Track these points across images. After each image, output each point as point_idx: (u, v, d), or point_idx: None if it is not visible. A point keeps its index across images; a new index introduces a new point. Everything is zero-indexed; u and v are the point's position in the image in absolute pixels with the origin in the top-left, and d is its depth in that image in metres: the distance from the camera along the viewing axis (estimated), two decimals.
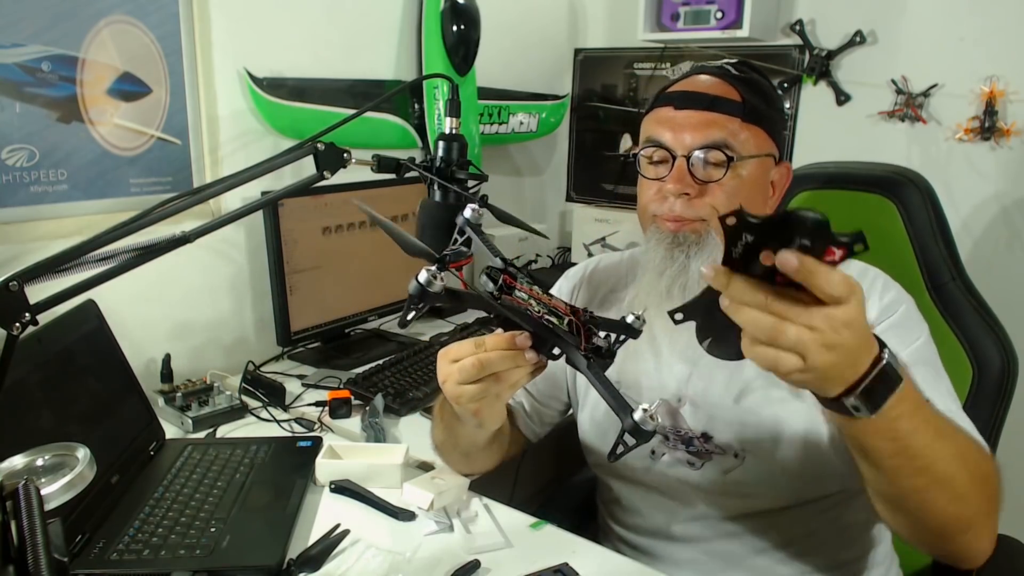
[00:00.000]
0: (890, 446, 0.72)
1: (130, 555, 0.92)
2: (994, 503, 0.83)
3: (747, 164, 0.97)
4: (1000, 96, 1.78)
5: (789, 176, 1.06)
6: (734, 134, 0.95)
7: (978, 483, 0.79)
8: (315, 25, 1.70)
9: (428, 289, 0.71)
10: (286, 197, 1.51)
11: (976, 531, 0.82)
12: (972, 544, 0.83)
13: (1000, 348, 1.14)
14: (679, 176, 0.96)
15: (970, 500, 0.78)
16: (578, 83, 2.47)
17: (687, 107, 0.97)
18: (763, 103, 0.99)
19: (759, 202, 1.01)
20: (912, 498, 0.77)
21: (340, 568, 0.93)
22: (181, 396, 1.37)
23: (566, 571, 0.92)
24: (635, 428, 0.68)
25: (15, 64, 1.24)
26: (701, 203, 0.96)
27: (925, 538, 0.83)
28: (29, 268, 0.69)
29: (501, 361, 0.79)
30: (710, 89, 0.97)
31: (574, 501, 1.35)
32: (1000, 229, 1.85)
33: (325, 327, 1.67)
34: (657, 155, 0.99)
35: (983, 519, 0.82)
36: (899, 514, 0.81)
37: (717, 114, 0.96)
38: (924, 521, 0.79)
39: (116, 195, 1.40)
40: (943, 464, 0.74)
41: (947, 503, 0.77)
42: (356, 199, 0.90)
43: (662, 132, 0.98)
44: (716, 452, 1.01)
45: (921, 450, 0.73)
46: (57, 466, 0.57)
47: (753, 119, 0.97)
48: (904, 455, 0.72)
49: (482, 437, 1.02)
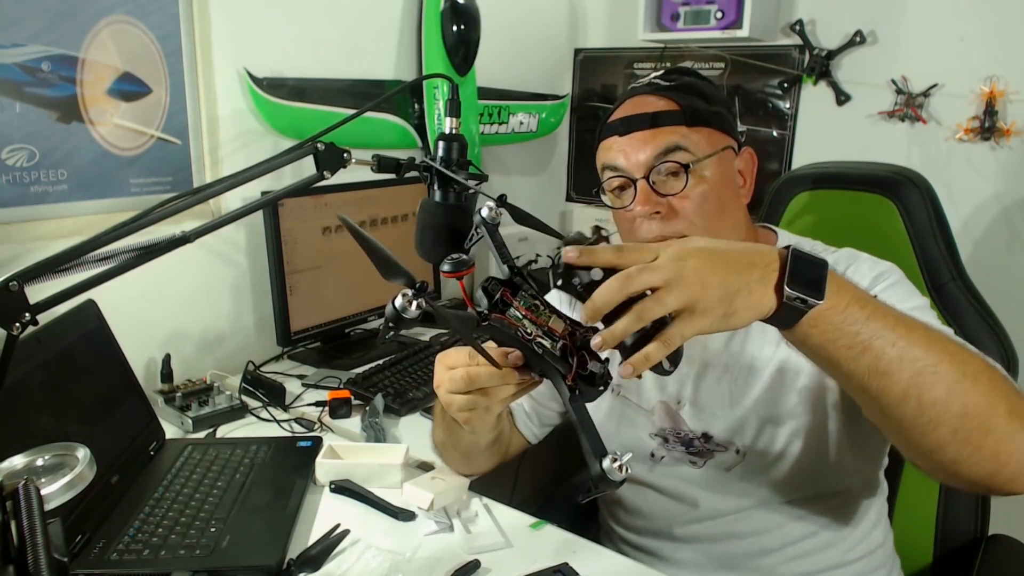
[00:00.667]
0: (858, 339, 0.70)
1: (130, 555, 0.92)
2: (1014, 401, 0.74)
3: (707, 165, 0.98)
4: (1000, 96, 1.78)
5: (754, 160, 1.06)
6: (684, 139, 0.97)
7: (981, 378, 0.73)
8: (315, 25, 1.70)
9: (403, 315, 0.69)
10: (286, 197, 1.51)
11: (1000, 434, 0.73)
12: (1004, 449, 0.73)
13: (1000, 348, 1.14)
14: (644, 198, 0.97)
15: (974, 392, 0.72)
16: (578, 83, 2.46)
17: (631, 130, 0.99)
18: (703, 103, 1.00)
19: (731, 198, 1.02)
20: (908, 403, 0.72)
21: (340, 568, 0.93)
22: (181, 396, 1.37)
23: (566, 571, 0.92)
24: (602, 477, 0.65)
25: (15, 64, 1.24)
26: (676, 218, 0.97)
27: (950, 450, 0.74)
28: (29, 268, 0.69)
29: (489, 378, 0.78)
30: (647, 107, 0.99)
31: (574, 501, 1.35)
32: (1000, 229, 1.85)
33: (325, 327, 1.67)
34: (617, 182, 1.01)
35: (1005, 418, 0.73)
36: (911, 431, 0.74)
37: (660, 128, 0.97)
38: (936, 424, 0.72)
39: (116, 195, 1.40)
40: (921, 350, 0.71)
41: (947, 396, 0.71)
42: (340, 213, 0.89)
43: (615, 158, 1.00)
44: (717, 450, 1.01)
45: (891, 333, 0.70)
46: (57, 466, 0.57)
47: (698, 121, 0.99)
48: (876, 346, 0.70)
49: (482, 440, 1.02)
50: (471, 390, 0.80)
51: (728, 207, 1.01)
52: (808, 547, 1.01)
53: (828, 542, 1.01)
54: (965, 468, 0.75)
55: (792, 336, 0.72)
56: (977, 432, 0.72)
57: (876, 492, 1.07)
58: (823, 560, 1.02)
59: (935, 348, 0.72)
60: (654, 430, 1.05)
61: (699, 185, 0.97)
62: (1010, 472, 0.74)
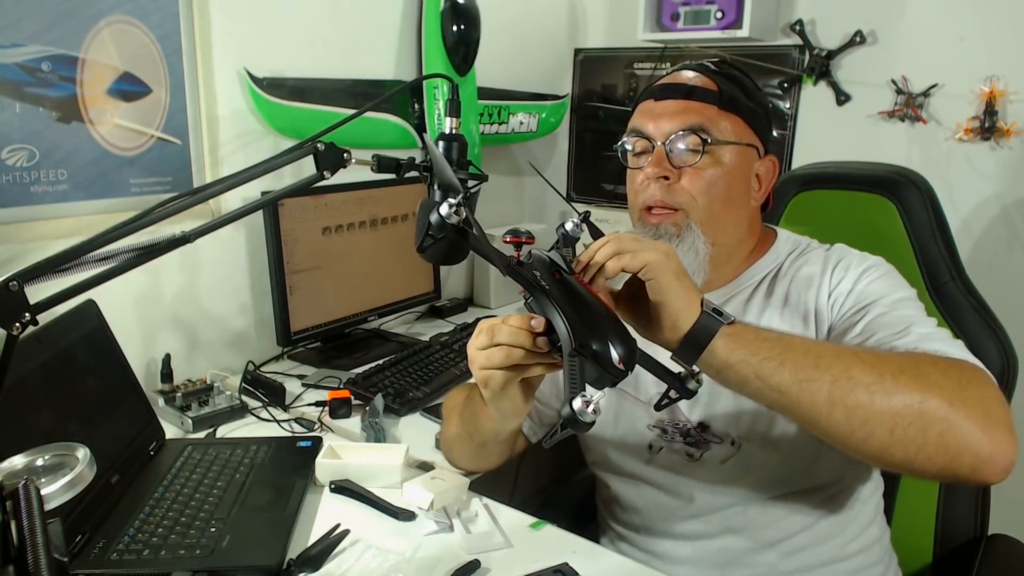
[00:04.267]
0: (774, 351, 0.78)
1: (130, 555, 0.92)
2: (962, 393, 0.75)
3: (725, 151, 1.01)
4: (1000, 96, 1.78)
5: (775, 171, 1.08)
6: (711, 120, 1.00)
7: (903, 376, 0.75)
8: (315, 25, 1.70)
9: (447, 221, 0.73)
10: (286, 197, 1.51)
11: (941, 425, 0.73)
12: (958, 442, 0.74)
13: (1000, 348, 1.14)
14: (657, 160, 1.01)
15: (896, 390, 0.74)
16: (578, 83, 2.46)
17: (666, 97, 1.03)
18: (741, 94, 1.03)
19: (741, 193, 1.03)
20: (836, 410, 0.75)
21: (340, 568, 0.93)
22: (181, 396, 1.37)
23: (566, 571, 0.92)
24: (572, 418, 0.67)
25: (15, 64, 1.24)
26: (680, 188, 1.00)
27: (896, 452, 0.75)
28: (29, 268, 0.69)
29: (510, 335, 0.80)
30: (688, 80, 1.04)
31: (574, 501, 1.35)
32: (1000, 229, 1.85)
33: (325, 327, 1.67)
34: (639, 145, 1.05)
35: (943, 409, 0.73)
36: (850, 439, 0.76)
37: (694, 102, 1.01)
38: (870, 427, 0.74)
39: (116, 195, 1.40)
40: (830, 358, 0.77)
41: (869, 397, 0.74)
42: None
43: (644, 122, 1.04)
44: (714, 441, 1.02)
45: (801, 345, 0.80)
46: (57, 466, 0.57)
47: (730, 107, 1.02)
48: (791, 357, 0.77)
49: (509, 427, 1.01)
50: (490, 345, 0.81)
51: (735, 200, 1.03)
52: (805, 540, 1.01)
53: (825, 535, 1.02)
54: (920, 466, 0.76)
55: (717, 354, 0.78)
56: (914, 428, 0.74)
57: (872, 485, 1.07)
58: (821, 554, 1.02)
59: (844, 356, 0.78)
60: (652, 421, 1.06)
61: (713, 167, 1.00)
62: (968, 463, 0.74)
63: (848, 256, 1.02)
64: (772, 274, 1.05)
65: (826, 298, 0.99)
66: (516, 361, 0.80)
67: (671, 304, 0.79)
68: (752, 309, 1.03)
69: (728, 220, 1.02)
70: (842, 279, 0.98)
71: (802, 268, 1.03)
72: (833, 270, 1.00)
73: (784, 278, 1.04)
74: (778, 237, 1.09)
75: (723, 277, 1.06)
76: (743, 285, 1.05)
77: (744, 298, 1.05)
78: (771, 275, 1.05)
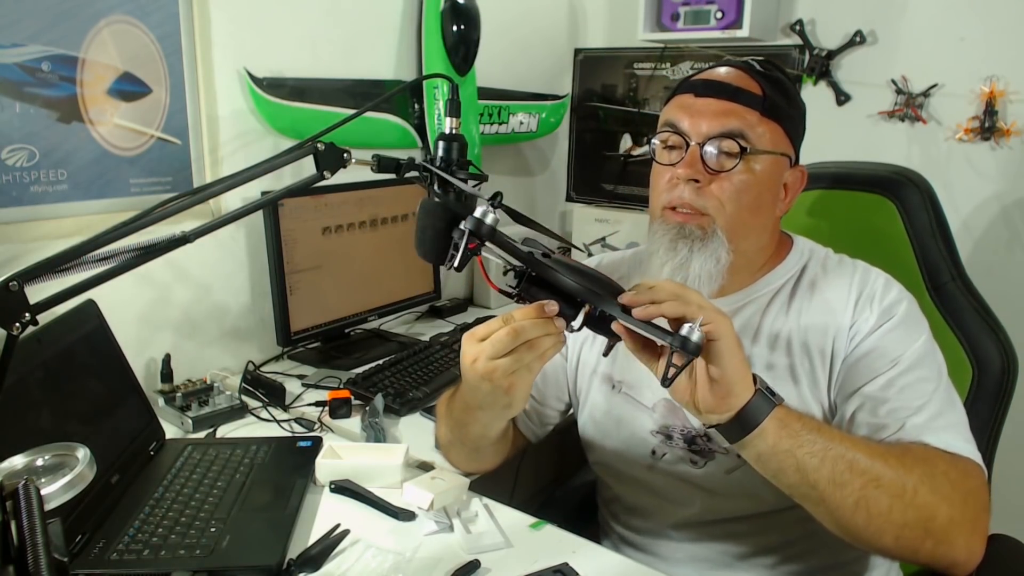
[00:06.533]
0: (816, 446, 0.81)
1: (130, 555, 0.92)
2: (964, 508, 0.83)
3: (761, 159, 0.97)
4: (1000, 96, 1.78)
5: (803, 181, 1.05)
6: (751, 126, 0.96)
7: (921, 489, 0.81)
8: (315, 25, 1.70)
9: (484, 221, 0.76)
10: (286, 197, 1.51)
11: (939, 537, 0.82)
12: (944, 553, 0.84)
13: (1000, 348, 1.13)
14: (691, 161, 0.96)
15: (912, 506, 0.81)
16: (578, 83, 2.46)
17: (708, 95, 0.98)
18: (784, 101, 0.99)
19: (769, 202, 1.00)
20: (859, 514, 0.81)
21: (340, 568, 0.93)
22: (181, 396, 1.37)
23: (566, 571, 0.92)
24: (477, 224, 0.75)
25: (15, 64, 1.24)
26: (709, 193, 0.96)
27: (893, 553, 0.90)
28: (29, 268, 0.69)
29: (533, 328, 0.80)
30: (733, 80, 0.98)
31: (574, 501, 1.35)
32: (1000, 229, 1.85)
33: (325, 327, 1.67)
34: (672, 140, 0.99)
35: (945, 526, 0.82)
36: (859, 538, 0.85)
37: (736, 104, 0.96)
38: (881, 534, 0.82)
39: (116, 195, 1.40)
40: (866, 462, 0.82)
41: (889, 508, 0.81)
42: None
43: (681, 118, 0.98)
44: (719, 451, 1.01)
45: (842, 441, 0.83)
46: (57, 466, 0.57)
47: (772, 115, 0.97)
48: (831, 454, 0.81)
49: (492, 432, 1.02)
50: (516, 345, 0.81)
51: (762, 209, 1.00)
52: (807, 547, 1.01)
53: (826, 542, 1.00)
54: (901, 559, 0.95)
55: (766, 438, 0.79)
56: (916, 540, 0.83)
57: None
58: (822, 560, 1.02)
59: (876, 460, 0.82)
60: (655, 427, 1.05)
61: (746, 174, 0.96)
62: (944, 566, 0.86)
63: (871, 285, 0.99)
64: (790, 284, 1.03)
65: (846, 332, 0.96)
66: (545, 349, 0.81)
67: (729, 374, 0.76)
68: (768, 320, 1.01)
69: (752, 228, 0.99)
70: (866, 317, 0.96)
71: (825, 291, 1.00)
72: (857, 302, 0.98)
73: (804, 294, 1.01)
74: (795, 245, 1.07)
75: (738, 283, 1.03)
76: (759, 292, 1.03)
77: (760, 307, 1.02)
78: (789, 285, 1.03)
